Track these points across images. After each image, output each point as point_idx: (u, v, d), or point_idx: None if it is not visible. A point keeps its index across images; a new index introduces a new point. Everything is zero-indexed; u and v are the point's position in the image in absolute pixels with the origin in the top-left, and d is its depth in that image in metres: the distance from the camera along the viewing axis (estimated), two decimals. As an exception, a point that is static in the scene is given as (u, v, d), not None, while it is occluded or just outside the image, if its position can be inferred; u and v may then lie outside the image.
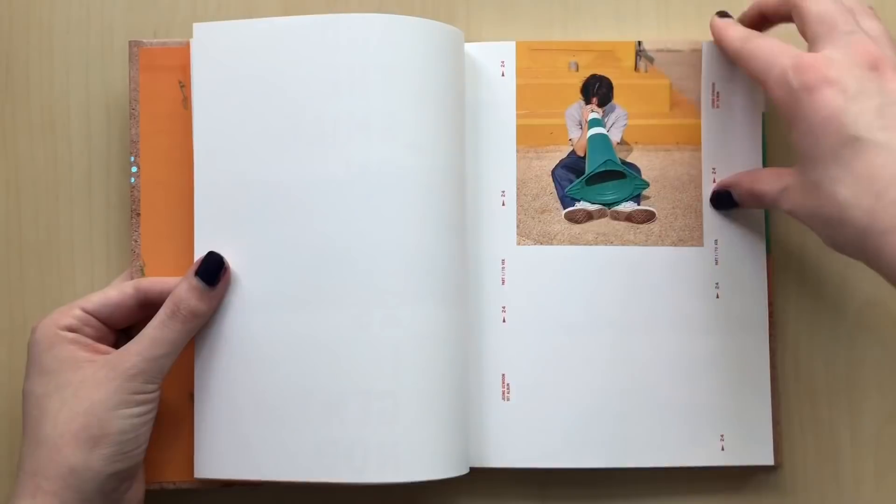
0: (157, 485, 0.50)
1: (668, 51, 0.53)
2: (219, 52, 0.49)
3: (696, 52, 0.52)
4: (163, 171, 0.51)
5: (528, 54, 0.53)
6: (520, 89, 0.53)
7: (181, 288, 0.47)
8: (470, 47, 0.52)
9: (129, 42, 0.51)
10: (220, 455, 0.48)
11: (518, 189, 0.52)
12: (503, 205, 0.52)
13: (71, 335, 0.46)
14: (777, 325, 0.52)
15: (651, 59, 0.53)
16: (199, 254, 0.49)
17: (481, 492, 0.53)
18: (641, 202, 0.52)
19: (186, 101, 0.50)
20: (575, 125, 0.52)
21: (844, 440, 0.53)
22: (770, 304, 0.51)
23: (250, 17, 0.51)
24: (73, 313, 0.47)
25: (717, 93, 0.52)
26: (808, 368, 0.53)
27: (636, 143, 0.52)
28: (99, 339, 0.47)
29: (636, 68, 0.53)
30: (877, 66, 0.42)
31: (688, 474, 0.52)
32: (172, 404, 0.50)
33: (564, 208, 0.52)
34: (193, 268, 0.47)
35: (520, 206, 0.52)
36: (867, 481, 0.53)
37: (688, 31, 0.54)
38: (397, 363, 0.47)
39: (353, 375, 0.47)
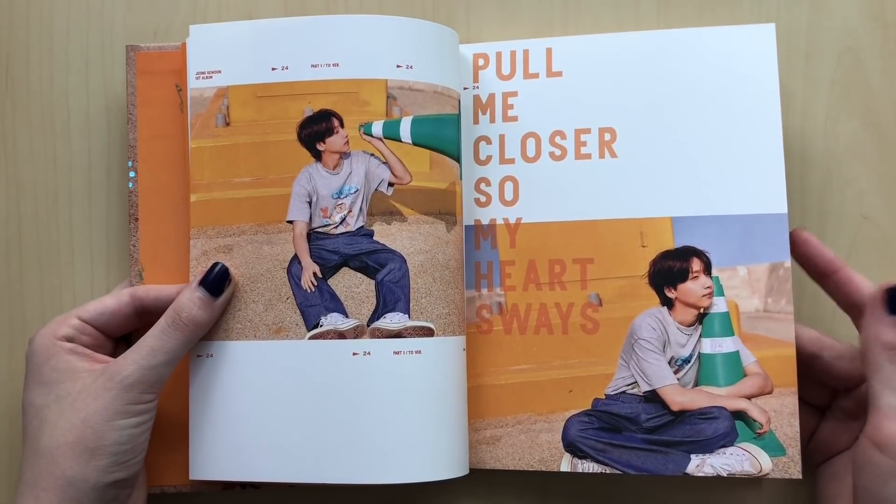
0: (157, 489, 0.50)
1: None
2: (215, 53, 0.49)
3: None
4: (161, 175, 0.50)
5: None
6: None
7: (184, 297, 0.47)
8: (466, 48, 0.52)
9: (126, 46, 0.51)
10: (216, 456, 0.48)
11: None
12: None
13: (68, 345, 0.46)
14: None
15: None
16: (194, 254, 0.49)
17: (481, 493, 0.53)
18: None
19: (183, 105, 0.50)
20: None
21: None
22: None
23: (250, 17, 0.51)
24: (69, 322, 0.47)
25: None
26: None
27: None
28: (96, 348, 0.47)
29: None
30: None
31: (687, 478, 0.52)
32: (173, 409, 0.50)
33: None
34: (198, 277, 0.47)
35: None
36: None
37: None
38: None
39: (353, 376, 0.47)
